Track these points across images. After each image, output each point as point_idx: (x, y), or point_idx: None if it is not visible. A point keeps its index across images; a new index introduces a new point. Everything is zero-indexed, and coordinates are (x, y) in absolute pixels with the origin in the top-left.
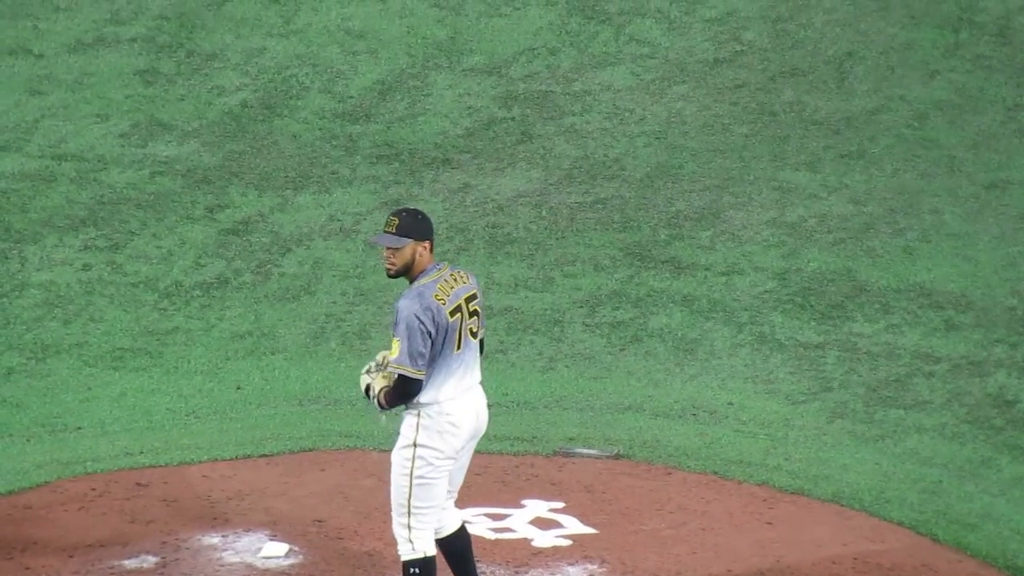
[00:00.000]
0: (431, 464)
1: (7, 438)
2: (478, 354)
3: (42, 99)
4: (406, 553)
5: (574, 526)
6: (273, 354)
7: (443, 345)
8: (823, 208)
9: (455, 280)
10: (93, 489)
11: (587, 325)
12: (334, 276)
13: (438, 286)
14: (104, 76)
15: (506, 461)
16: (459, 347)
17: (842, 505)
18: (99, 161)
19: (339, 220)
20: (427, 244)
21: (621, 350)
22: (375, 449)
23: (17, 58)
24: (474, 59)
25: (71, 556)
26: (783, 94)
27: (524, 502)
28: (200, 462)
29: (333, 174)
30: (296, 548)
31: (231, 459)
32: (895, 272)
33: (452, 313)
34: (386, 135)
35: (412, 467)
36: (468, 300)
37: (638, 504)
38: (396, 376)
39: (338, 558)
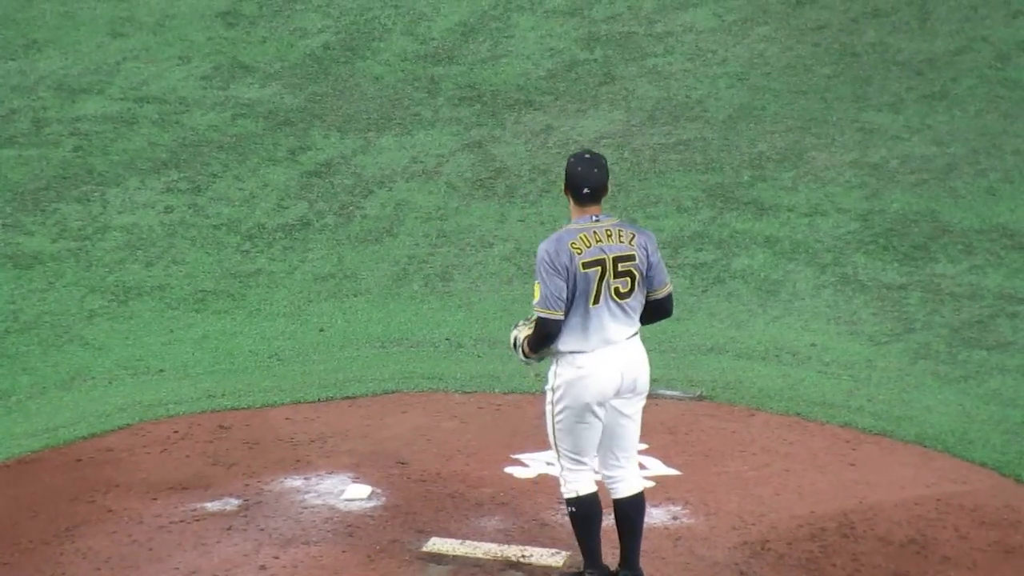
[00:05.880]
0: (565, 410)
1: (89, 380)
2: (627, 313)
3: (124, 41)
4: (564, 492)
5: (657, 467)
6: (355, 296)
7: (575, 295)
8: (905, 149)
9: (608, 236)
10: (175, 432)
11: (669, 266)
12: (416, 218)
13: (579, 235)
14: (186, 18)
15: None
16: (595, 302)
17: (925, 446)
18: (181, 103)
19: (421, 162)
20: (568, 195)
21: (704, 291)
22: (457, 391)
23: (99, 0)
24: (556, 0)
25: (153, 499)
26: (865, 34)
27: None
28: (283, 404)
29: (415, 116)
30: (379, 490)
31: (314, 401)
32: (978, 213)
33: (588, 265)
34: (468, 76)
35: (552, 410)
36: (618, 260)
37: (721, 446)
38: (536, 318)
39: (420, 500)
